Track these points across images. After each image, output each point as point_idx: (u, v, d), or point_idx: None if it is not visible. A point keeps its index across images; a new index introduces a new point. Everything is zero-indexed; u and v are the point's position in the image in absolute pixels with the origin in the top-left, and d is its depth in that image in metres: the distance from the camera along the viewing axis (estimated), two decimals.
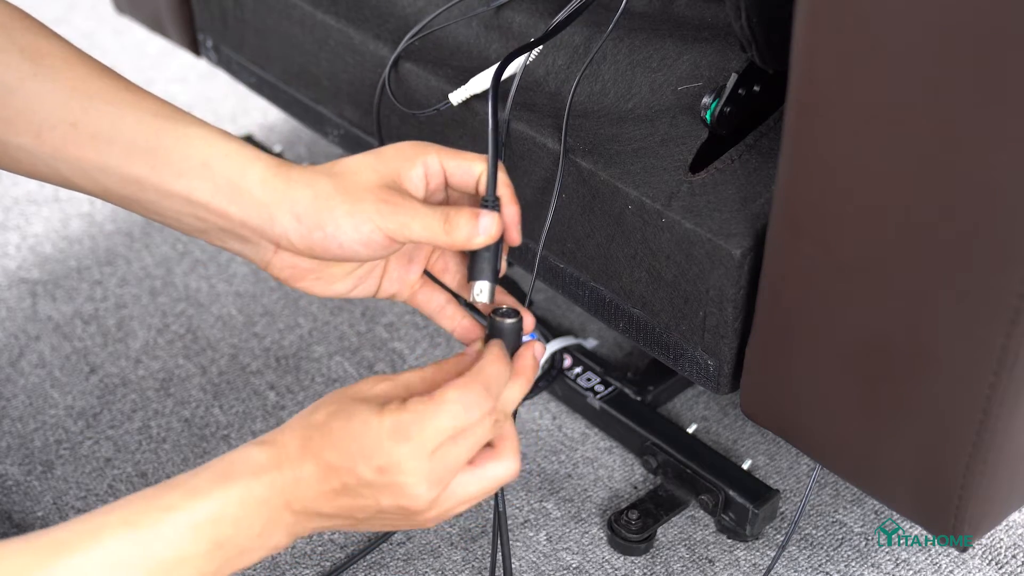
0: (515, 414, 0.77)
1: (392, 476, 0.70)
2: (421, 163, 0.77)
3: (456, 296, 0.83)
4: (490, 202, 0.76)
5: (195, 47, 1.29)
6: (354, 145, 1.12)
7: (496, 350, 0.75)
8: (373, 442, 0.70)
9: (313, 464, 0.70)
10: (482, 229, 0.75)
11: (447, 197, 0.80)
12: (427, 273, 0.83)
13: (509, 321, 0.77)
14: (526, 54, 0.92)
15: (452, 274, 0.83)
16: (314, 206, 0.74)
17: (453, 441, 0.71)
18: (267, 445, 0.71)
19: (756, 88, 0.87)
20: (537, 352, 0.78)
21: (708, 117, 0.87)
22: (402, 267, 0.82)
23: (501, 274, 0.78)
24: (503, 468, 0.73)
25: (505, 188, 0.77)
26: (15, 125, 0.75)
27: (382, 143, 1.05)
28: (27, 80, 0.75)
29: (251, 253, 0.77)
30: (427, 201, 0.78)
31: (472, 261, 0.77)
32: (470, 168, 0.77)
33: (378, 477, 0.70)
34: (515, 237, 0.78)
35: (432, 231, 0.74)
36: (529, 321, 0.79)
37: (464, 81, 0.96)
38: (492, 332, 0.77)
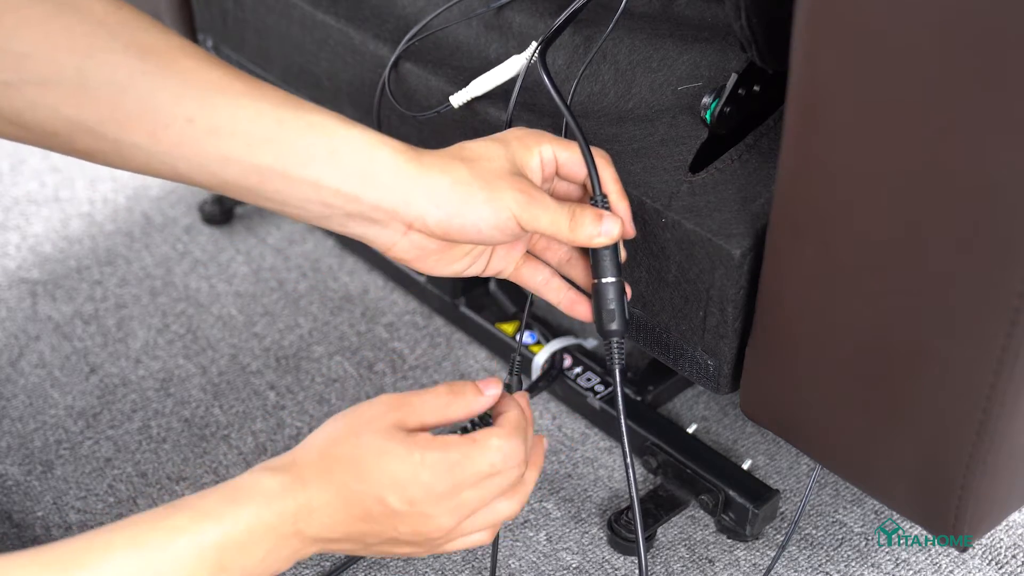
0: None
1: (421, 507, 0.71)
2: (538, 152, 0.78)
3: (574, 284, 0.85)
4: (598, 200, 0.79)
5: None
6: None
7: (521, 405, 0.78)
8: (409, 476, 0.71)
9: (333, 493, 0.71)
10: (604, 230, 0.77)
11: (553, 187, 0.82)
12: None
13: (607, 282, 0.80)
14: (528, 55, 0.92)
15: (554, 251, 0.84)
16: (453, 192, 0.75)
17: (484, 480, 0.73)
18: (280, 472, 0.71)
19: (756, 88, 0.87)
20: (522, 402, 0.79)
21: (708, 117, 0.87)
22: (509, 245, 0.84)
23: (622, 261, 0.81)
24: (502, 478, 0.75)
25: (614, 184, 0.79)
26: (128, 124, 0.73)
27: None
28: (137, 77, 0.72)
29: (376, 236, 0.77)
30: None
31: (595, 260, 0.80)
32: (581, 160, 0.79)
33: (407, 508, 0.71)
34: (629, 230, 0.80)
35: (558, 226, 0.76)
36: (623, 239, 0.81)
37: (464, 81, 0.96)
38: (597, 296, 0.80)
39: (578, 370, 1.15)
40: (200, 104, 0.73)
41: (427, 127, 1.01)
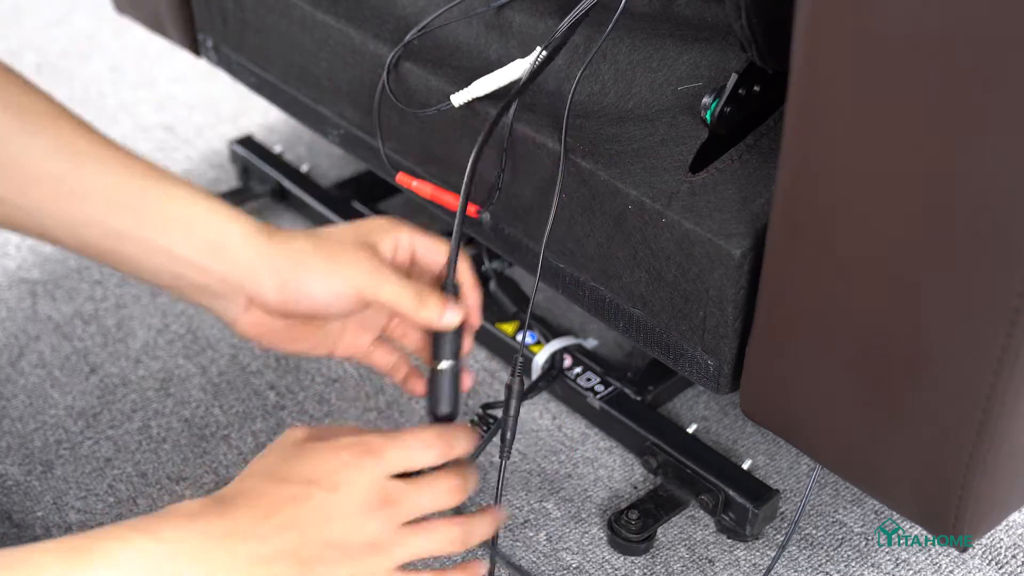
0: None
1: (323, 479, 0.73)
2: (394, 237, 0.81)
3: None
4: (450, 286, 0.81)
5: (195, 47, 1.29)
6: (354, 145, 1.12)
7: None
8: (307, 458, 0.74)
9: (251, 503, 0.72)
10: (447, 318, 0.79)
11: (407, 274, 0.84)
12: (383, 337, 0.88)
13: (443, 367, 0.82)
14: (531, 59, 0.92)
15: (411, 339, 0.87)
16: (292, 261, 0.78)
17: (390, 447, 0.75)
18: (203, 499, 0.73)
19: (756, 88, 0.87)
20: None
21: (708, 117, 0.87)
22: (357, 333, 0.86)
23: (465, 352, 0.83)
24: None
25: (468, 274, 0.82)
26: None
27: (383, 143, 1.05)
28: (13, 136, 0.76)
29: (222, 309, 0.81)
30: None
31: (436, 344, 0.82)
32: (438, 251, 0.82)
33: (304, 487, 0.73)
34: (475, 321, 0.83)
35: (400, 300, 0.78)
36: (468, 345, 0.83)
37: (464, 81, 0.96)
38: (432, 379, 0.82)
39: (578, 370, 1.14)
40: (69, 166, 0.77)
41: (427, 126, 1.01)
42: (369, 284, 0.78)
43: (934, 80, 0.64)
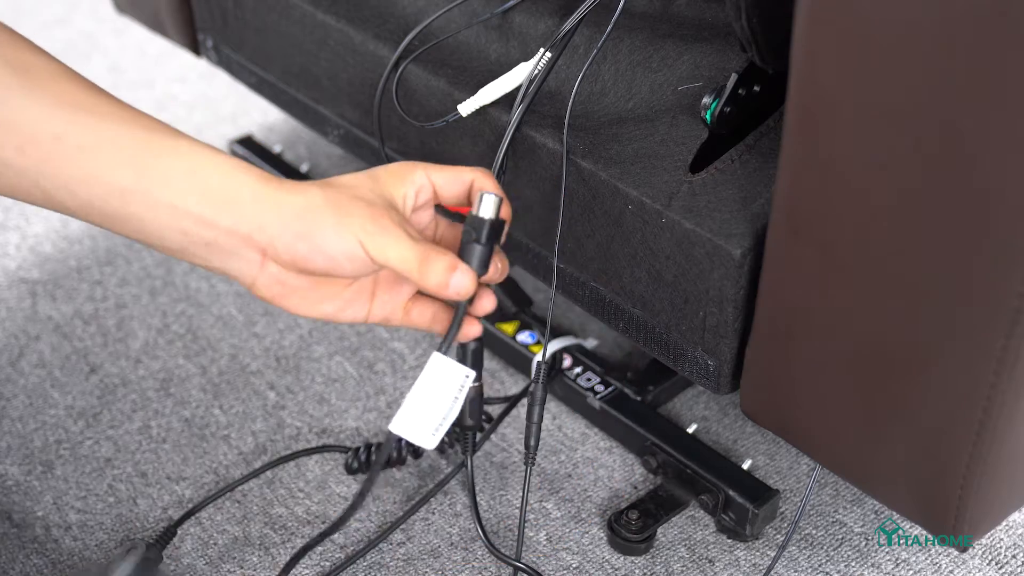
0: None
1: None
2: (410, 182, 0.77)
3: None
4: (471, 231, 0.77)
5: (195, 47, 1.29)
6: (354, 145, 1.12)
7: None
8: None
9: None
10: (453, 284, 0.74)
11: (436, 222, 0.81)
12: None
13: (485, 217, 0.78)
14: (535, 61, 0.92)
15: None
16: (302, 214, 0.74)
17: None
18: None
19: (756, 88, 0.87)
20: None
21: (708, 117, 0.87)
22: (392, 289, 0.81)
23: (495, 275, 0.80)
24: None
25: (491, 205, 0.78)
26: None
27: (383, 143, 1.05)
28: (13, 93, 0.74)
29: (236, 269, 0.77)
30: (415, 216, 0.78)
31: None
32: (459, 177, 0.78)
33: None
34: (494, 274, 0.79)
35: (407, 264, 0.74)
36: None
37: (464, 82, 0.96)
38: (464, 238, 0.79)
39: (578, 370, 1.14)
40: (69, 122, 0.74)
41: (429, 129, 1.01)
42: (374, 244, 0.73)
43: (934, 80, 0.64)
